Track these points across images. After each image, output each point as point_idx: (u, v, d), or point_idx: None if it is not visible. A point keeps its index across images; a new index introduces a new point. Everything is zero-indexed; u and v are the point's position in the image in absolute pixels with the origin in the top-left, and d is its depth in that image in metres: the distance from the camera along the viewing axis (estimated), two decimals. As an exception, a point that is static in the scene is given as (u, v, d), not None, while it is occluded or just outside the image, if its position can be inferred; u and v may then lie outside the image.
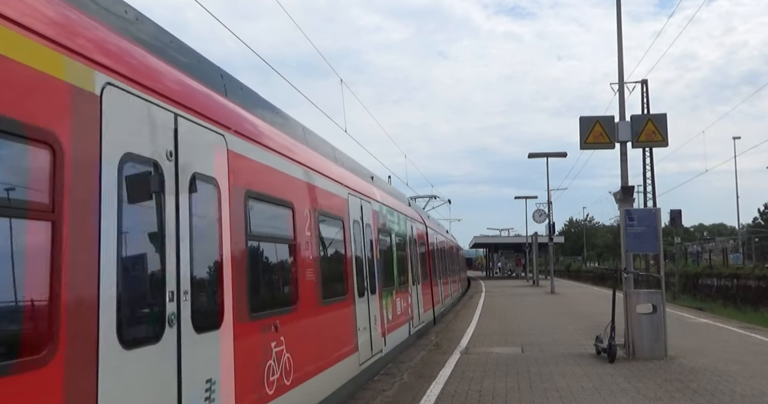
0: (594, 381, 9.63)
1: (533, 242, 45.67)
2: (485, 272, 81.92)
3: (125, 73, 4.16)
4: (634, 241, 12.46)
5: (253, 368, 5.78)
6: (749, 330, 16.06)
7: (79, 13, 4.07)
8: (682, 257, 44.55)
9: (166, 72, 4.92)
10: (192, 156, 4.84)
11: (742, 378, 9.69)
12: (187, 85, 5.19)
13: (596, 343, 12.12)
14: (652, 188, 45.73)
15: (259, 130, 6.61)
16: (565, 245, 75.09)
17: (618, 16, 13.77)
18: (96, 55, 3.90)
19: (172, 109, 4.62)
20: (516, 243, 63.69)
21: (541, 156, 36.29)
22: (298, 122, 8.94)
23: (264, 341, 6.08)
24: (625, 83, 14.13)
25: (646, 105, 43.95)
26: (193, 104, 5.05)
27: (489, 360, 11.64)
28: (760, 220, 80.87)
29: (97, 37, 4.05)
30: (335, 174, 9.49)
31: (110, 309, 3.78)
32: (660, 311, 11.93)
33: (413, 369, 10.83)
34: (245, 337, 5.59)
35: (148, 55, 4.76)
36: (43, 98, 3.43)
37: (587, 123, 13.29)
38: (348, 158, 11.75)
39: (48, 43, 3.52)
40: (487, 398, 8.56)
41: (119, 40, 4.39)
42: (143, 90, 4.31)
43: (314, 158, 8.65)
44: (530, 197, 51.22)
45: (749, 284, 25.93)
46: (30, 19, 3.44)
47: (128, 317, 4.01)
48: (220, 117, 5.53)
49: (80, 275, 3.56)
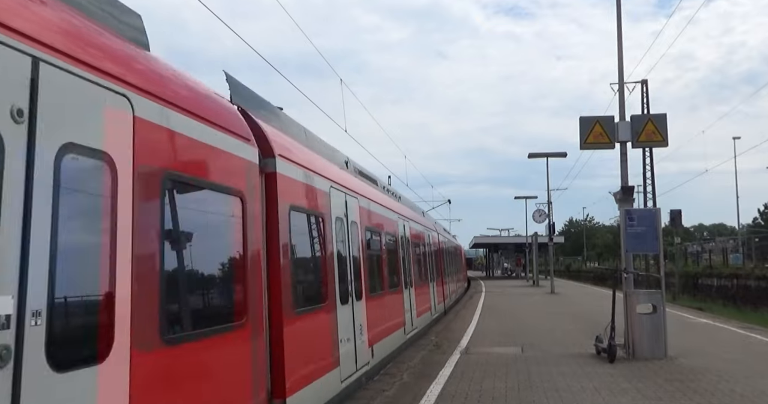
0: (594, 381, 9.62)
1: (533, 242, 45.64)
2: (485, 273, 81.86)
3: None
4: (634, 241, 12.46)
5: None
6: (749, 330, 16.06)
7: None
8: (682, 257, 44.51)
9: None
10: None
11: (742, 378, 9.69)
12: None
13: (596, 343, 12.12)
14: (652, 188, 45.74)
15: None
16: (565, 245, 75.05)
17: (618, 16, 13.78)
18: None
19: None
20: (516, 243, 63.66)
21: (541, 156, 36.32)
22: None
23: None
24: (625, 83, 14.13)
25: (646, 105, 43.95)
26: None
27: (489, 360, 11.63)
28: (760, 220, 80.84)
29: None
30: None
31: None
32: (660, 311, 11.93)
33: (413, 369, 10.83)
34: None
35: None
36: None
37: (587, 123, 13.29)
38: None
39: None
40: (487, 398, 8.56)
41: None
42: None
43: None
44: (530, 197, 51.24)
45: (749, 284, 25.90)
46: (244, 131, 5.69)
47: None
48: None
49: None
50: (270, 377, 6.17)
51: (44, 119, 3.31)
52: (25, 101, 3.23)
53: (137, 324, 3.89)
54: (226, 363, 5.14)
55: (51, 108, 3.37)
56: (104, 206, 3.76)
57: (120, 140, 3.92)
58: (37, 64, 3.33)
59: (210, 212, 5.32)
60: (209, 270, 5.32)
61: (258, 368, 5.84)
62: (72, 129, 3.52)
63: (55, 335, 3.27)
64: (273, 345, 6.24)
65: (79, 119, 3.60)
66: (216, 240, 5.41)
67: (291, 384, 6.38)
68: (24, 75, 3.25)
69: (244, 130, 6.02)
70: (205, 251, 5.13)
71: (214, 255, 5.37)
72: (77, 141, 3.54)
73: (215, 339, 4.98)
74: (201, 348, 4.72)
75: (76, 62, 3.62)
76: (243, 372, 5.48)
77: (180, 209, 4.62)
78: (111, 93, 3.88)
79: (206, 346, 4.81)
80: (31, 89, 3.26)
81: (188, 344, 4.54)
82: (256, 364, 5.79)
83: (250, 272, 5.69)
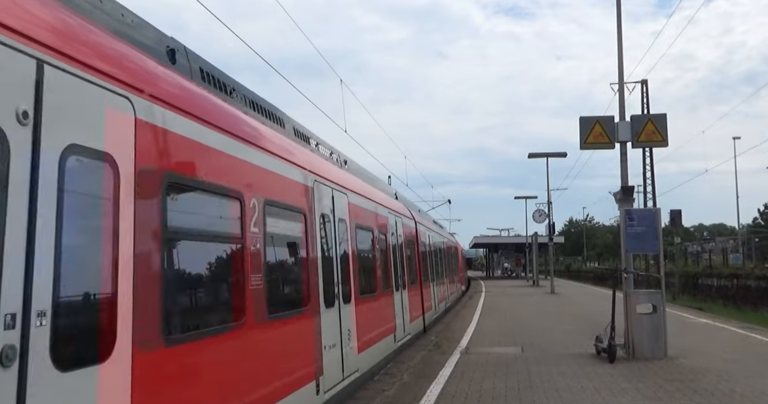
0: (594, 381, 9.62)
1: (533, 242, 45.65)
2: (485, 273, 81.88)
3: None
4: (634, 241, 12.46)
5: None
6: (749, 330, 16.06)
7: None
8: (682, 257, 44.51)
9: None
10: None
11: (742, 378, 9.69)
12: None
13: (596, 343, 12.12)
14: (652, 188, 45.79)
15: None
16: (565, 245, 75.06)
17: (618, 16, 13.78)
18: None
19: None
20: (516, 243, 63.68)
21: (541, 156, 36.32)
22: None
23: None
24: (625, 83, 14.14)
25: (646, 105, 43.98)
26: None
27: (489, 360, 11.63)
28: (760, 220, 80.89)
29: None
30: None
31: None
32: (660, 311, 11.94)
33: (413, 369, 10.82)
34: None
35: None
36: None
37: (587, 123, 13.29)
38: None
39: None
40: (487, 398, 8.56)
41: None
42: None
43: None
44: (530, 197, 51.22)
45: (749, 284, 25.88)
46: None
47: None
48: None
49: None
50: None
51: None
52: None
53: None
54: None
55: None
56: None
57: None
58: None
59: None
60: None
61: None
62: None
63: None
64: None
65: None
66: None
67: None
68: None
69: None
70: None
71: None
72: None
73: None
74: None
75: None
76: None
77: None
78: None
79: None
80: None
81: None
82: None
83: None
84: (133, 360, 3.88)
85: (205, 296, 5.36)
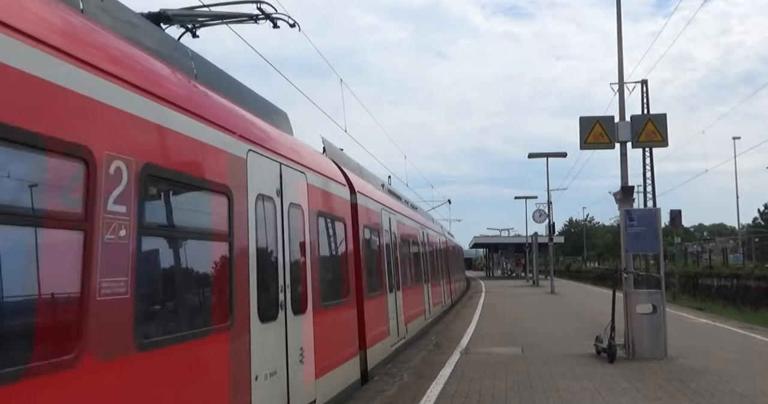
0: (594, 381, 9.63)
1: (533, 242, 45.67)
2: (485, 273, 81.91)
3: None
4: (634, 241, 12.46)
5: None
6: (749, 330, 16.07)
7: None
8: (682, 257, 44.53)
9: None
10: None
11: (742, 378, 9.69)
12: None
13: (596, 343, 12.12)
14: (652, 188, 45.78)
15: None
16: (565, 245, 75.04)
17: (618, 16, 13.78)
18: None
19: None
20: (516, 243, 63.70)
21: (541, 156, 36.34)
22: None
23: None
24: (625, 83, 14.14)
25: (646, 105, 43.98)
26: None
27: (489, 360, 11.64)
28: (760, 220, 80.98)
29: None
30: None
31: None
32: (660, 311, 11.94)
33: (413, 369, 10.83)
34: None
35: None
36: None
37: (587, 123, 13.29)
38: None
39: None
40: (487, 398, 8.56)
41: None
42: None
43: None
44: (530, 197, 51.21)
45: (749, 284, 25.88)
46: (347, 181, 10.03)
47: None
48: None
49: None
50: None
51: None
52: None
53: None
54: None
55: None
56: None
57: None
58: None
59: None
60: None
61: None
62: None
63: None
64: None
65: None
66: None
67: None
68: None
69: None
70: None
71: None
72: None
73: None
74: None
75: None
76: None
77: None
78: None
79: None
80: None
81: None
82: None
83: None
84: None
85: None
